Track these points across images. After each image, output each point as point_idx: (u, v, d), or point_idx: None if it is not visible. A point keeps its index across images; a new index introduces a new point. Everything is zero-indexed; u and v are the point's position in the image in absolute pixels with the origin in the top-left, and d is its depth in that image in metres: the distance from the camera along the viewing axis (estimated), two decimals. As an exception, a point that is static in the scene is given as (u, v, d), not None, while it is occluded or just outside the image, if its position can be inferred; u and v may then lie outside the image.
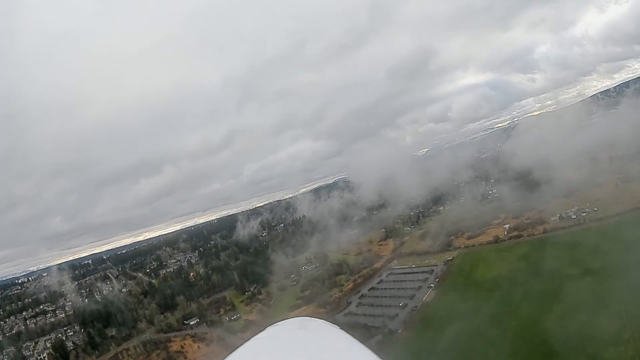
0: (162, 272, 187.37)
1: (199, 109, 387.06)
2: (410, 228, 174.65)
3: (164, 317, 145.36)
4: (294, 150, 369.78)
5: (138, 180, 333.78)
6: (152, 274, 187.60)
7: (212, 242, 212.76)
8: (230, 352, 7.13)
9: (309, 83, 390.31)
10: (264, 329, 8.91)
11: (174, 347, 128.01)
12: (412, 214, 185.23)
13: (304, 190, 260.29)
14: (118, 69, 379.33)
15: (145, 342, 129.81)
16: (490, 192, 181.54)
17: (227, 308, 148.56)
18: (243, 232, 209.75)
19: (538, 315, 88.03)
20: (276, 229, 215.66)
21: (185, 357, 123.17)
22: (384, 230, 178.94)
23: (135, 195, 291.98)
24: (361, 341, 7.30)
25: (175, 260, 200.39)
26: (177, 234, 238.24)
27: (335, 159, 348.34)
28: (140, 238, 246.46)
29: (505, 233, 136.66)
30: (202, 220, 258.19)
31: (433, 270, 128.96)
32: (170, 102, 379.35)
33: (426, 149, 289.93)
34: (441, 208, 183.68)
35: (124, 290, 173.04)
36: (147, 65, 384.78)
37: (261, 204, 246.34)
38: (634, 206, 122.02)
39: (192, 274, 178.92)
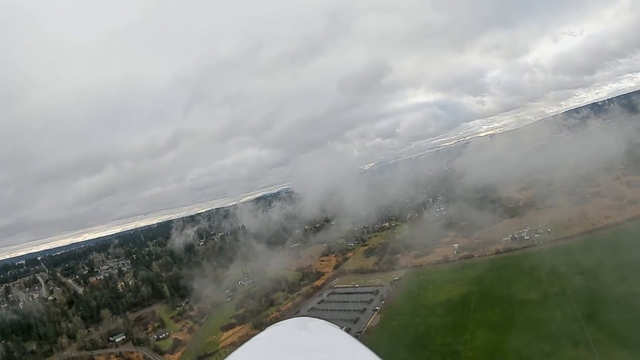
0: (92, 279, 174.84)
1: (145, 108, 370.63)
2: (354, 244, 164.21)
3: (88, 332, 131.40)
4: (240, 158, 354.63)
5: (78, 178, 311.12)
6: (82, 281, 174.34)
7: (147, 249, 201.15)
8: (231, 352, 7.00)
9: (260, 90, 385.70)
10: (264, 329, 8.49)
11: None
12: (357, 229, 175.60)
13: (247, 198, 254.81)
14: (63, 57, 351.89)
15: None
16: (438, 209, 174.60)
17: (156, 325, 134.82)
18: (179, 240, 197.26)
19: (497, 346, 77.66)
20: (213, 239, 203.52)
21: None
22: (326, 245, 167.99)
23: (75, 194, 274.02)
24: None
25: (107, 267, 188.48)
26: (116, 237, 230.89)
27: (281, 168, 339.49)
28: (80, 239, 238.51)
29: (455, 253, 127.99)
30: (143, 223, 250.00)
31: (378, 291, 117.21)
32: (115, 97, 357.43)
33: (372, 164, 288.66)
34: (387, 224, 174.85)
35: (50, 298, 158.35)
36: (93, 56, 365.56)
37: (203, 210, 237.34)
38: (588, 228, 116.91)
39: (121, 284, 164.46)
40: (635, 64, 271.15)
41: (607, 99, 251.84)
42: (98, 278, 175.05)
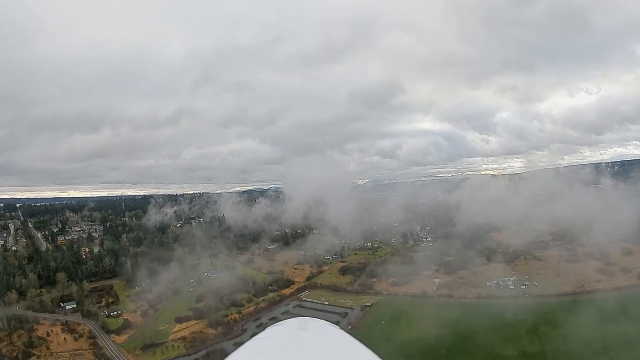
0: (61, 238, 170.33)
1: (153, 77, 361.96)
2: (332, 258, 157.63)
3: (40, 292, 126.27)
4: (237, 147, 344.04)
5: (73, 133, 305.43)
6: (50, 238, 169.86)
7: (124, 219, 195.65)
8: (231, 352, 6.93)
9: (270, 84, 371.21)
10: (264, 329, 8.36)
11: (40, 331, 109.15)
12: (338, 243, 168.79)
13: (237, 189, 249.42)
14: (79, 8, 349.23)
15: (10, 317, 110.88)
16: (424, 240, 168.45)
17: (110, 300, 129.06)
18: (156, 217, 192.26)
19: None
20: (191, 223, 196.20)
21: (48, 348, 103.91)
22: (303, 253, 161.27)
23: (68, 149, 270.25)
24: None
25: (79, 229, 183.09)
26: (100, 200, 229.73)
27: (275, 166, 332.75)
28: (64, 195, 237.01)
29: (435, 289, 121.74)
30: (130, 192, 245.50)
31: (347, 314, 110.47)
32: (125, 60, 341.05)
33: (366, 180, 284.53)
34: (369, 244, 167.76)
35: (13, 248, 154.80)
36: (111, 13, 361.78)
37: (190, 192, 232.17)
38: (576, 289, 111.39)
39: (85, 249, 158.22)
40: None
41: (611, 162, 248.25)
42: (67, 238, 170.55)
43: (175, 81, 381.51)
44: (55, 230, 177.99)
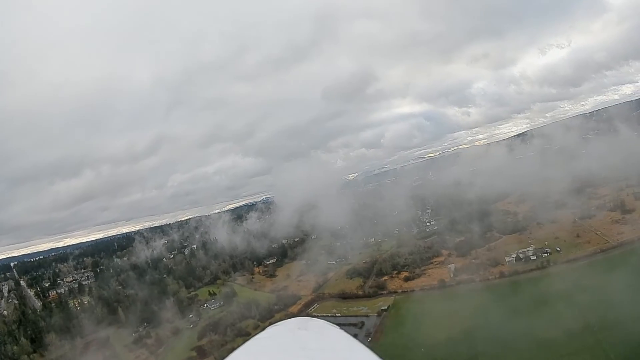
0: (52, 293, 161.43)
1: (125, 110, 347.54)
2: (336, 262, 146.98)
3: (31, 358, 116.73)
4: (221, 165, 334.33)
5: (54, 182, 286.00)
6: (42, 294, 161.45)
7: (116, 260, 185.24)
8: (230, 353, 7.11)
9: (242, 95, 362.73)
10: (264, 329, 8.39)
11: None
12: (339, 244, 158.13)
13: (230, 206, 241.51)
14: (38, 50, 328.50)
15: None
16: (428, 224, 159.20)
17: (107, 354, 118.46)
18: (146, 252, 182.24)
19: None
20: (183, 252, 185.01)
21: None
22: (305, 262, 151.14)
23: (54, 198, 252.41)
24: None
25: (71, 279, 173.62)
26: (95, 243, 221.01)
27: (263, 177, 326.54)
28: (60, 244, 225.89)
29: (452, 275, 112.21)
30: (125, 229, 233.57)
31: (364, 324, 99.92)
32: (93, 98, 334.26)
33: (356, 174, 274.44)
34: (372, 240, 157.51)
35: (4, 312, 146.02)
36: (70, 54, 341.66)
37: (184, 218, 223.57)
38: (602, 246, 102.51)
39: (77, 301, 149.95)
40: (620, 76, 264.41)
41: (595, 111, 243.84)
42: (58, 292, 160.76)
43: (148, 109, 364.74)
44: (47, 285, 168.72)
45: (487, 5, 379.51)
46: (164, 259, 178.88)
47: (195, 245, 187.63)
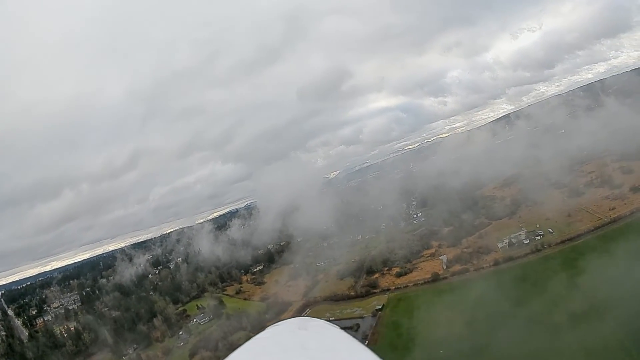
0: (40, 320, 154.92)
1: (100, 125, 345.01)
2: (325, 263, 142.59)
3: None
4: (202, 174, 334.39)
5: (34, 205, 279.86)
6: (29, 323, 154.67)
7: (100, 281, 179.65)
8: (231, 352, 6.90)
9: (218, 101, 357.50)
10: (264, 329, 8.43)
11: None
12: (326, 244, 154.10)
13: (215, 214, 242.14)
14: (7, 70, 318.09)
15: None
16: (414, 216, 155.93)
17: None
18: (131, 270, 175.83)
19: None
20: (169, 266, 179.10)
21: None
22: (293, 266, 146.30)
23: (35, 221, 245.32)
24: None
25: (58, 305, 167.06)
26: (82, 264, 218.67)
27: (245, 182, 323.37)
28: (48, 268, 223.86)
29: (445, 267, 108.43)
30: (111, 247, 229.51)
31: (359, 326, 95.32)
32: (67, 114, 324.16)
33: (337, 172, 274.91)
34: (359, 237, 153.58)
35: None
36: (40, 69, 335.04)
37: (169, 231, 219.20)
38: (595, 224, 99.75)
39: (63, 327, 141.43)
40: (593, 55, 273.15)
41: (570, 91, 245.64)
42: (45, 319, 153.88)
43: (123, 123, 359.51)
44: (34, 313, 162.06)
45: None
46: (150, 275, 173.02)
47: (180, 259, 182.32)
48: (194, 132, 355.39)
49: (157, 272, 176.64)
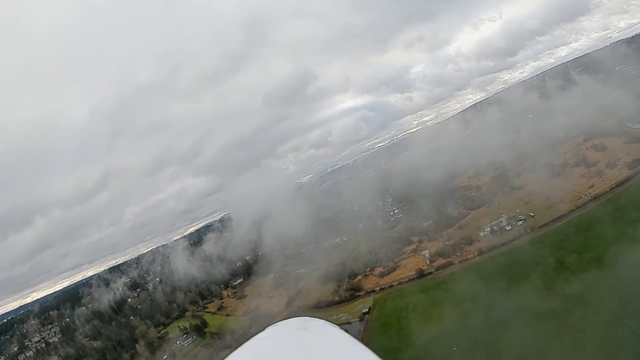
0: (22, 357, 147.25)
1: (66, 147, 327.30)
2: (305, 270, 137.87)
3: None
4: (174, 189, 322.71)
5: (7, 235, 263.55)
6: None
7: (80, 310, 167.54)
8: (231, 352, 6.91)
9: (183, 114, 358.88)
10: (263, 329, 8.21)
11: None
12: (305, 250, 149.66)
13: (191, 229, 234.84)
14: None
15: None
16: (391, 213, 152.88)
17: None
18: (108, 296, 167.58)
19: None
20: (147, 288, 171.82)
21: None
22: (273, 275, 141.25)
23: (10, 252, 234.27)
24: None
25: (39, 338, 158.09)
26: (62, 292, 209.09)
27: (218, 194, 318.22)
28: (28, 300, 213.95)
29: (428, 262, 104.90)
30: (90, 272, 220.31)
31: (347, 332, 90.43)
32: (32, 138, 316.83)
33: (309, 176, 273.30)
34: (337, 240, 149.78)
35: None
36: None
37: (147, 250, 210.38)
38: (576, 203, 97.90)
39: None
40: (554, 40, 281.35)
41: (534, 76, 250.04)
42: (27, 356, 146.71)
43: (90, 144, 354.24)
44: (15, 350, 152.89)
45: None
46: (129, 299, 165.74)
47: (158, 279, 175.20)
48: (162, 147, 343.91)
49: (136, 295, 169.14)
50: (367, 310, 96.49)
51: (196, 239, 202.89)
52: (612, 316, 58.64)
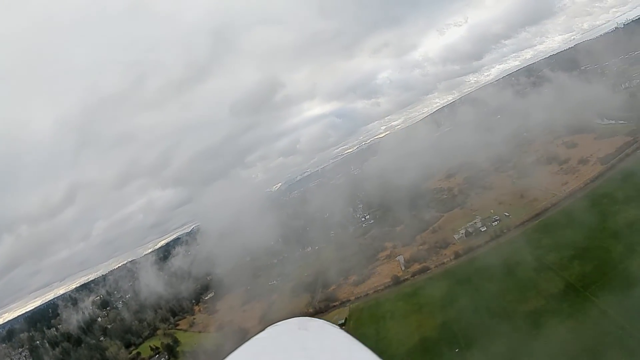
0: None
1: (31, 161, 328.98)
2: (277, 281, 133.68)
3: None
4: (143, 202, 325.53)
5: None
6: None
7: (50, 331, 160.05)
8: (231, 352, 6.77)
9: (150, 125, 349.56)
10: (263, 329, 8.09)
11: None
12: (276, 261, 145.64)
13: (162, 243, 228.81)
14: None
15: None
16: (363, 219, 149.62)
17: None
18: (76, 316, 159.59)
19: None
20: (116, 306, 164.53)
21: None
22: (245, 288, 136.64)
23: None
24: None
25: None
26: (34, 312, 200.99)
27: (187, 206, 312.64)
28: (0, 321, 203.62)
29: (404, 268, 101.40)
30: (62, 290, 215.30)
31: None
32: None
33: (279, 184, 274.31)
34: (309, 249, 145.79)
35: None
36: None
37: (118, 265, 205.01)
38: (552, 201, 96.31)
39: None
40: (519, 43, 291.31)
41: (501, 78, 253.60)
42: None
43: (55, 157, 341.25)
44: None
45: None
46: (99, 319, 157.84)
47: (128, 296, 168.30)
48: (130, 159, 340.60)
49: (105, 314, 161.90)
50: (343, 321, 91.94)
51: (166, 253, 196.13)
52: (599, 313, 56.02)
